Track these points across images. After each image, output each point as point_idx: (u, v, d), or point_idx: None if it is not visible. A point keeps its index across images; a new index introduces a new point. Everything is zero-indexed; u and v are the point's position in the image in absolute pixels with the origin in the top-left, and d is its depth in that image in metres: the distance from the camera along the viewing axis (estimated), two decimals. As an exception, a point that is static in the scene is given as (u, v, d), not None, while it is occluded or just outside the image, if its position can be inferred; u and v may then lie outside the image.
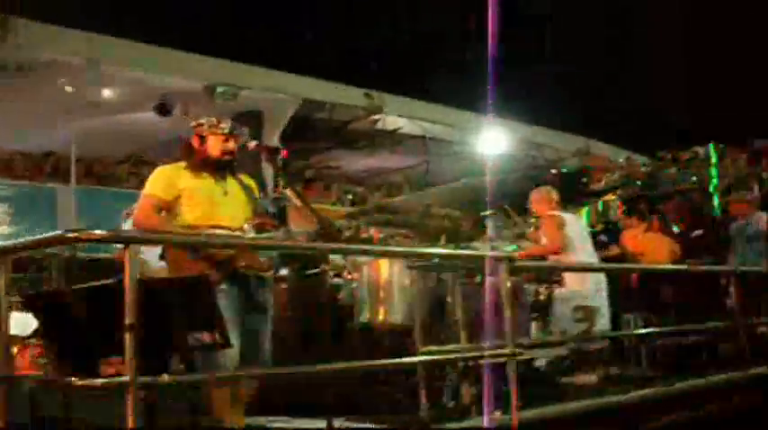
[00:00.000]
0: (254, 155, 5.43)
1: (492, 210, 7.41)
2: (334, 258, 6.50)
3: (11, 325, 3.83)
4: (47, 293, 4.20)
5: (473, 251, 6.68)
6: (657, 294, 8.32)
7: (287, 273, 6.52)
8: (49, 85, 10.17)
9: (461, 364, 5.66)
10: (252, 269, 4.46)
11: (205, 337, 3.63)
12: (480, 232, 7.29)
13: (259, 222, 4.46)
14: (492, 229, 7.35)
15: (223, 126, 4.60)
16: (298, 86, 12.19)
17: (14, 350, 5.87)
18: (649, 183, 11.45)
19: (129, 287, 3.26)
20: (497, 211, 7.53)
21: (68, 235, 3.15)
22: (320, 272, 6.35)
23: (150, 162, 13.27)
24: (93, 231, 3.25)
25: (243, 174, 4.71)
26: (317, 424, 4.77)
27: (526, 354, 5.94)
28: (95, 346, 3.56)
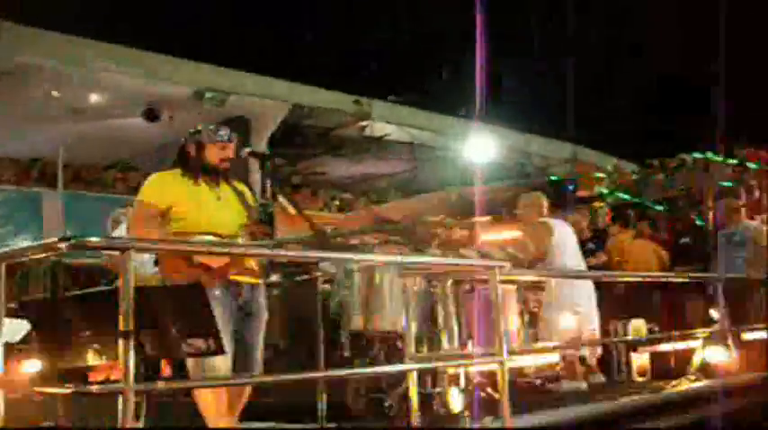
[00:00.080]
0: (242, 161, 5.43)
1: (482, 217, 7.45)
2: (323, 265, 6.50)
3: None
4: (42, 300, 4.19)
5: (464, 259, 6.68)
6: (645, 301, 8.37)
7: (277, 279, 6.52)
8: (37, 90, 10.14)
9: (452, 371, 5.69)
10: (245, 276, 4.46)
11: (200, 344, 3.63)
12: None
13: (252, 230, 4.46)
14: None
15: (222, 133, 4.61)
16: (286, 92, 12.19)
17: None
18: (637, 190, 11.50)
19: (124, 294, 3.26)
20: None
21: (65, 242, 3.14)
22: (309, 278, 6.35)
23: (137, 167, 13.29)
24: (90, 238, 3.24)
25: (236, 181, 4.72)
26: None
27: (517, 361, 5.98)
28: (90, 352, 3.56)
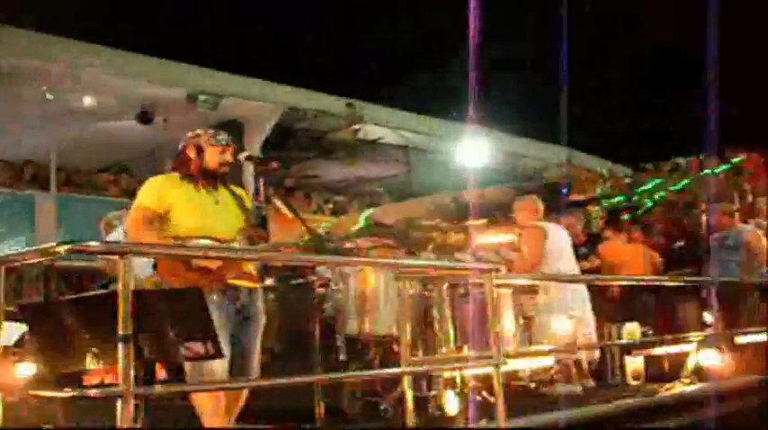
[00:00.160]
0: (236, 164, 5.44)
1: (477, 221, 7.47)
2: (319, 268, 6.51)
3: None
4: (41, 303, 4.19)
5: (459, 263, 6.71)
6: (639, 305, 8.40)
7: (272, 282, 6.53)
8: (30, 92, 10.15)
9: (448, 374, 5.70)
10: (243, 280, 4.47)
11: (198, 348, 3.64)
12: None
13: (250, 234, 4.48)
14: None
15: (221, 138, 4.63)
16: (279, 96, 12.23)
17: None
18: (631, 194, 11.54)
19: (123, 298, 3.27)
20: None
21: (65, 246, 3.14)
22: (305, 282, 6.36)
23: (131, 170, 13.30)
24: (90, 243, 3.25)
25: (234, 185, 4.73)
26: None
27: (512, 364, 5.99)
28: (87, 356, 3.57)
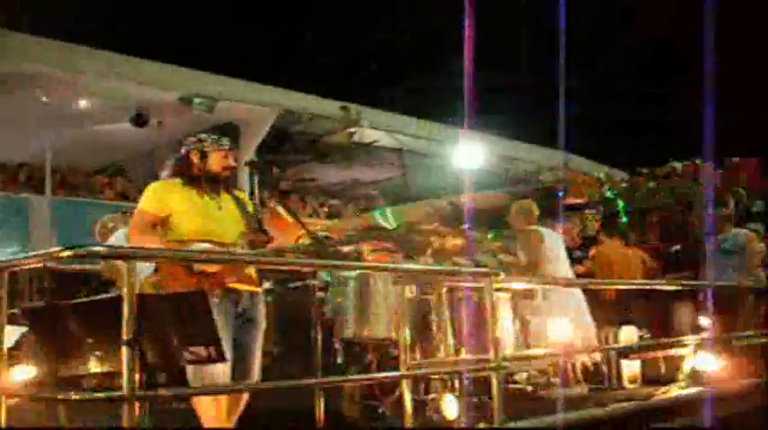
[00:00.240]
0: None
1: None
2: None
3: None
4: (44, 307, 4.19)
5: (458, 267, 6.72)
6: (635, 308, 8.42)
7: (270, 285, 6.54)
8: (25, 94, 10.13)
9: (446, 377, 5.71)
10: (244, 284, 4.48)
11: (201, 352, 3.65)
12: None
13: (251, 238, 4.49)
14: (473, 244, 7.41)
15: (224, 142, 4.64)
16: (275, 98, 12.21)
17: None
18: (627, 198, 11.58)
19: (127, 302, 3.28)
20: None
21: (70, 250, 3.15)
22: (304, 285, 6.36)
23: (125, 173, 13.29)
24: (95, 247, 3.26)
25: (236, 190, 4.75)
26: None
27: (510, 368, 6.02)
28: (90, 360, 3.57)
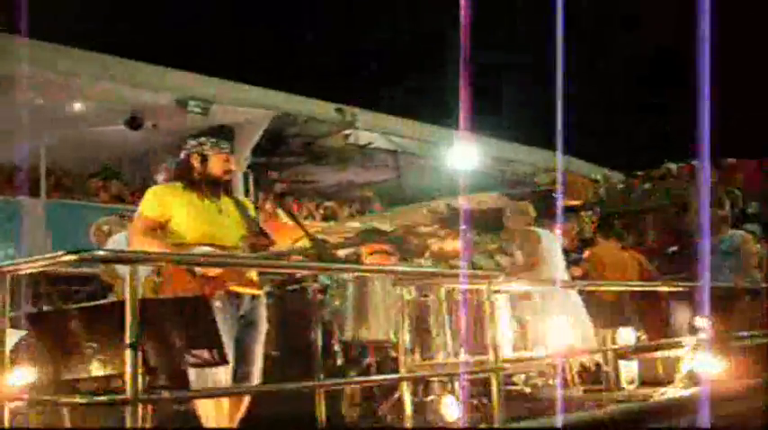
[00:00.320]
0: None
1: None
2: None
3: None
4: (47, 311, 4.21)
5: (456, 269, 6.74)
6: (632, 310, 8.42)
7: (269, 288, 6.54)
8: (20, 97, 10.11)
9: (445, 379, 5.73)
10: (245, 287, 4.49)
11: (204, 355, 3.66)
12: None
13: (252, 242, 4.49)
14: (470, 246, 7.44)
15: (224, 146, 4.64)
16: (270, 101, 12.23)
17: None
18: (623, 199, 11.62)
19: (130, 305, 3.28)
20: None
21: (74, 255, 3.15)
22: (302, 288, 6.38)
23: (120, 175, 13.28)
24: (98, 251, 3.27)
25: (243, 194, 4.76)
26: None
27: (509, 369, 6.03)
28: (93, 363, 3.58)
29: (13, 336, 5.19)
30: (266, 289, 6.40)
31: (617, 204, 11.61)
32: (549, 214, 9.47)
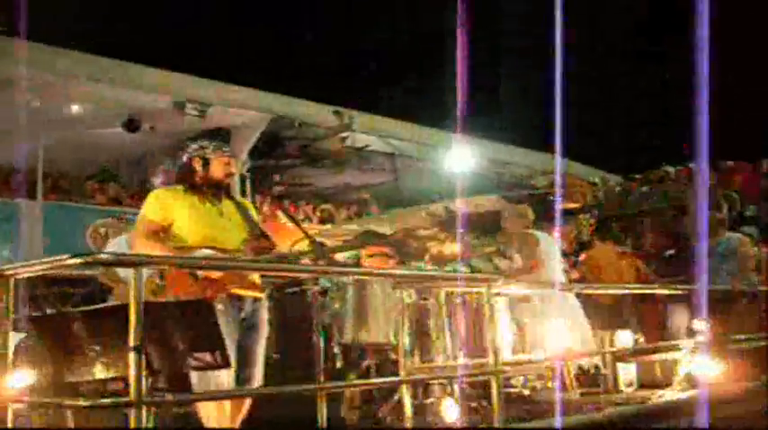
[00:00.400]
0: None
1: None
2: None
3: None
4: (52, 315, 4.22)
5: (455, 272, 6.75)
6: (630, 313, 8.45)
7: (270, 291, 6.53)
8: (17, 99, 10.10)
9: (445, 381, 5.74)
10: (247, 290, 4.50)
11: (206, 358, 3.67)
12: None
13: (256, 245, 4.50)
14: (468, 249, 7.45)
15: (226, 149, 4.66)
16: (267, 103, 12.22)
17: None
18: (621, 202, 11.64)
19: (134, 308, 3.29)
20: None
21: (78, 258, 3.16)
22: (301, 290, 6.38)
23: (117, 178, 13.26)
24: (101, 255, 3.28)
25: (240, 196, 4.77)
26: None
27: (509, 372, 6.04)
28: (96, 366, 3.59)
29: (12, 339, 5.20)
30: (266, 292, 6.44)
31: (614, 207, 11.66)
32: (546, 217, 9.51)
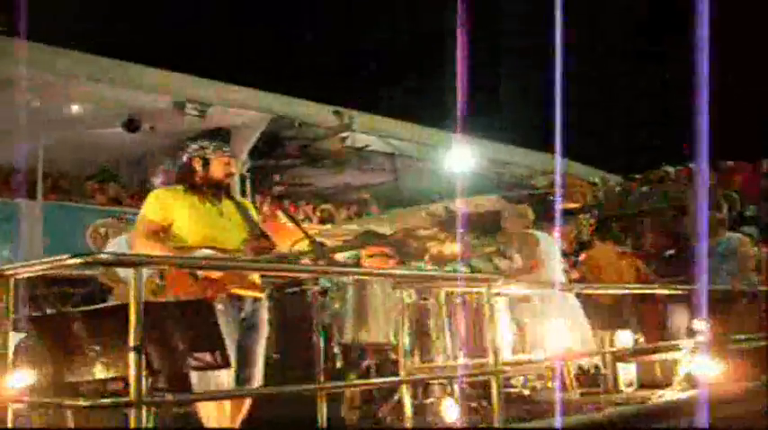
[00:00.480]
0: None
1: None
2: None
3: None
4: (52, 315, 4.22)
5: (456, 272, 6.75)
6: (630, 313, 8.45)
7: (269, 291, 6.54)
8: (17, 99, 10.10)
9: (445, 381, 5.74)
10: (247, 290, 4.50)
11: (206, 358, 3.67)
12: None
13: (256, 245, 4.50)
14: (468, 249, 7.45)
15: (226, 149, 4.67)
16: (267, 103, 12.22)
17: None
18: (621, 202, 11.64)
19: (134, 309, 3.29)
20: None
21: (78, 258, 3.17)
22: (301, 290, 6.38)
23: (117, 178, 13.26)
24: (101, 255, 3.29)
25: (240, 196, 4.77)
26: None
27: (509, 372, 6.04)
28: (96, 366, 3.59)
29: (12, 339, 5.20)
30: (266, 292, 6.44)
31: (614, 207, 11.66)
32: (546, 217, 9.51)
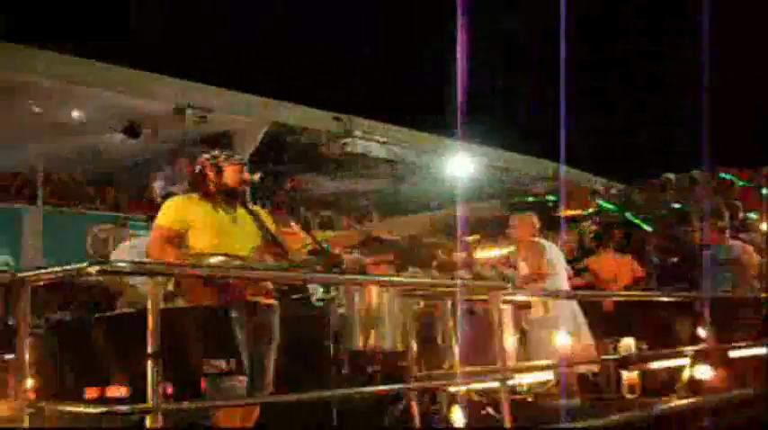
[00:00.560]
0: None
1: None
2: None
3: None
4: (66, 321, 4.25)
5: (460, 280, 6.77)
6: (633, 320, 8.47)
7: (277, 297, 6.55)
8: (17, 105, 10.09)
9: (453, 389, 5.76)
10: (260, 297, 4.53)
11: (221, 364, 3.70)
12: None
13: (268, 251, 4.53)
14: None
15: (239, 157, 4.71)
16: (267, 109, 12.19)
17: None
18: (623, 210, 11.66)
19: (152, 316, 3.31)
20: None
21: (96, 266, 3.19)
22: (308, 297, 6.41)
23: (118, 183, 13.26)
24: (120, 263, 3.31)
25: (252, 203, 4.80)
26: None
27: (517, 378, 6.06)
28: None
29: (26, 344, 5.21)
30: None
31: (616, 215, 11.67)
32: (549, 225, 9.53)
